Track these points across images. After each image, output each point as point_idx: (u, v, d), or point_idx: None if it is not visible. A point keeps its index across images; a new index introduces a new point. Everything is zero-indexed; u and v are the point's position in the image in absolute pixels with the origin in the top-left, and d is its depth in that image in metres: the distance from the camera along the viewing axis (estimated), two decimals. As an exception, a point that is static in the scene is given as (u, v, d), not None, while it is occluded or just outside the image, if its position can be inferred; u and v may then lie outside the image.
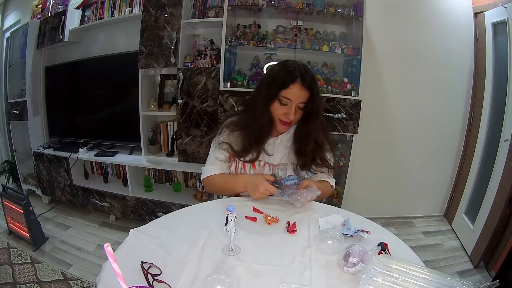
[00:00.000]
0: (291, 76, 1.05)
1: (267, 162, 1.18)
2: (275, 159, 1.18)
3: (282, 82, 1.06)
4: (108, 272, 0.71)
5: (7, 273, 1.81)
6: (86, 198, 2.55)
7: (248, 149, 1.14)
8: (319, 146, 1.16)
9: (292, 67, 1.08)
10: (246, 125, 1.15)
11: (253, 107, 1.14)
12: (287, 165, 1.18)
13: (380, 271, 0.70)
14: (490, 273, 1.89)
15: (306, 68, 1.10)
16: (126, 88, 2.46)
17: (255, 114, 1.11)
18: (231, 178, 1.18)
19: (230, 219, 0.80)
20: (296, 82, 1.05)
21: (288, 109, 1.07)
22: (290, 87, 1.05)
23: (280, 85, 1.06)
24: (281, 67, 1.11)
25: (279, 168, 1.17)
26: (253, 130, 1.12)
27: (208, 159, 1.24)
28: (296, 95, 1.06)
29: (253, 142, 1.13)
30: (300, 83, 1.05)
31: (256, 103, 1.12)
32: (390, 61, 2.32)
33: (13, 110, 2.80)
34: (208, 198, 2.34)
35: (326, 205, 1.12)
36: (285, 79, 1.06)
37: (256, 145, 1.13)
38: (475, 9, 2.23)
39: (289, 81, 1.05)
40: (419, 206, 2.64)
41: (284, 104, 1.08)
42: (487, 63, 2.15)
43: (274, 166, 1.18)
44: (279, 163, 1.18)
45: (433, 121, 2.44)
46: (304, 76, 1.05)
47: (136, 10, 2.28)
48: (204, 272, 0.73)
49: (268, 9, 2.07)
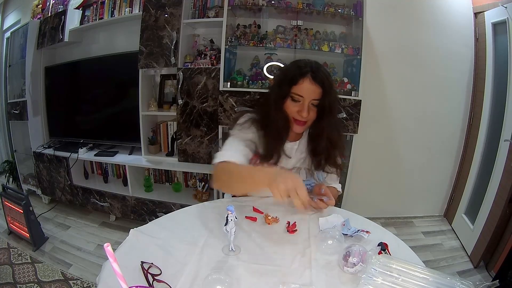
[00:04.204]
0: (300, 71, 1.04)
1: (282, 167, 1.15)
2: (289, 163, 1.15)
3: (292, 78, 1.04)
4: (108, 272, 0.71)
5: (7, 273, 1.81)
6: (86, 198, 2.55)
7: (271, 151, 1.09)
8: (333, 145, 1.12)
9: (303, 63, 1.06)
10: (266, 125, 1.10)
11: (267, 106, 1.11)
12: (300, 170, 1.16)
13: (380, 271, 0.70)
14: (490, 273, 1.89)
15: (319, 65, 1.08)
16: (126, 88, 2.46)
17: (270, 113, 1.08)
18: (251, 168, 1.02)
19: (230, 219, 0.80)
20: (306, 77, 1.03)
21: (301, 107, 1.04)
22: (300, 83, 1.03)
23: (290, 81, 1.04)
24: (292, 64, 1.10)
25: (293, 172, 1.15)
26: (272, 129, 1.08)
27: (224, 146, 1.07)
28: (307, 90, 1.03)
29: (274, 143, 1.09)
30: (310, 77, 1.02)
31: (270, 102, 1.10)
32: (390, 61, 2.31)
33: (13, 110, 2.81)
34: (208, 198, 2.35)
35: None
36: (295, 74, 1.04)
37: (277, 146, 1.10)
38: (475, 9, 2.23)
39: (299, 76, 1.03)
40: (419, 206, 2.64)
41: (296, 101, 1.05)
42: (487, 63, 2.15)
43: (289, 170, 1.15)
44: (293, 167, 1.16)
45: (433, 121, 2.44)
46: (315, 71, 1.03)
47: (136, 10, 2.29)
48: (204, 272, 0.73)
49: (268, 9, 2.07)
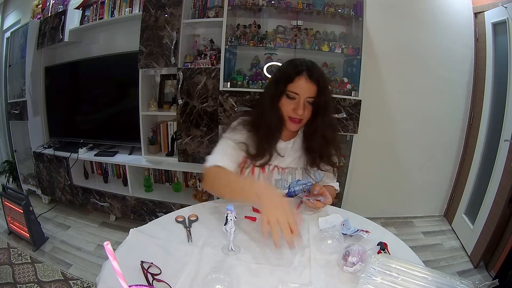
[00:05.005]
0: (296, 69, 1.05)
1: (277, 166, 1.15)
2: (284, 162, 1.15)
3: (288, 76, 1.05)
4: (108, 272, 0.71)
5: (7, 273, 1.81)
6: (86, 198, 2.55)
7: (262, 151, 1.10)
8: (327, 143, 1.13)
9: (299, 62, 1.08)
10: (258, 125, 1.10)
11: (262, 105, 1.12)
12: (296, 169, 1.16)
13: (379, 270, 0.70)
14: (490, 273, 1.89)
15: (314, 63, 1.09)
16: (126, 88, 2.46)
17: (265, 112, 1.09)
18: (241, 179, 1.05)
19: (230, 219, 0.80)
20: (301, 75, 1.04)
21: (296, 104, 1.05)
22: (295, 81, 1.04)
23: (286, 79, 1.05)
24: (288, 63, 1.11)
25: (288, 171, 1.16)
26: (264, 129, 1.09)
27: (216, 150, 1.09)
28: (303, 88, 1.04)
29: (265, 143, 1.09)
30: (306, 75, 1.04)
31: (265, 101, 1.11)
32: (390, 61, 2.31)
33: (13, 110, 2.81)
34: (208, 198, 2.34)
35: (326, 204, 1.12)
36: (291, 72, 1.05)
37: (269, 145, 1.10)
38: (475, 9, 2.23)
39: (295, 74, 1.04)
40: (419, 206, 2.64)
41: (292, 98, 1.06)
42: (487, 63, 2.15)
43: (283, 169, 1.16)
44: (287, 166, 1.16)
45: (433, 121, 2.44)
46: (310, 69, 1.05)
47: (136, 10, 2.28)
48: (203, 272, 0.73)
49: (268, 9, 2.07)
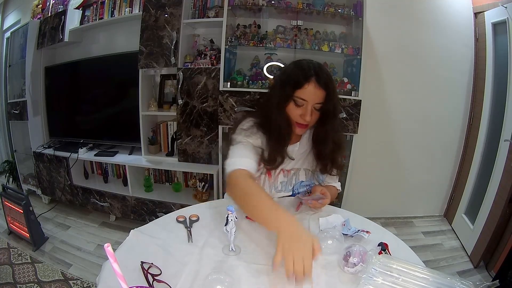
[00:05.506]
0: (305, 75, 0.99)
1: (283, 169, 1.14)
2: (289, 164, 1.14)
3: (296, 82, 1.00)
4: (108, 272, 0.71)
5: (7, 273, 1.81)
6: (86, 198, 2.55)
7: (276, 154, 1.06)
8: (338, 146, 1.10)
9: (306, 65, 1.02)
10: (269, 129, 1.06)
11: (268, 109, 1.07)
12: (299, 170, 1.16)
13: (380, 271, 0.70)
14: (490, 273, 1.89)
15: (321, 66, 1.05)
16: (126, 88, 2.46)
17: (272, 116, 1.04)
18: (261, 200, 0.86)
19: (230, 219, 0.80)
20: (311, 81, 0.99)
21: (304, 110, 1.01)
22: (304, 87, 0.99)
23: (294, 85, 1.00)
24: (294, 66, 1.06)
25: (293, 173, 1.16)
26: (276, 133, 1.05)
27: (233, 151, 1.03)
28: (312, 95, 1.00)
29: (280, 147, 1.06)
30: (315, 82, 0.98)
31: (271, 105, 1.05)
32: (390, 61, 2.31)
33: (13, 110, 2.80)
34: (208, 198, 2.34)
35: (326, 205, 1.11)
36: (299, 78, 1.00)
37: (282, 149, 1.06)
38: (475, 9, 2.23)
39: (303, 80, 0.99)
40: (419, 206, 2.64)
41: (299, 105, 1.01)
42: (487, 63, 2.15)
43: (288, 171, 1.15)
44: (292, 168, 1.15)
45: (433, 121, 2.44)
46: (319, 74, 0.99)
47: (136, 10, 2.28)
48: (204, 272, 0.73)
49: (268, 9, 2.07)
